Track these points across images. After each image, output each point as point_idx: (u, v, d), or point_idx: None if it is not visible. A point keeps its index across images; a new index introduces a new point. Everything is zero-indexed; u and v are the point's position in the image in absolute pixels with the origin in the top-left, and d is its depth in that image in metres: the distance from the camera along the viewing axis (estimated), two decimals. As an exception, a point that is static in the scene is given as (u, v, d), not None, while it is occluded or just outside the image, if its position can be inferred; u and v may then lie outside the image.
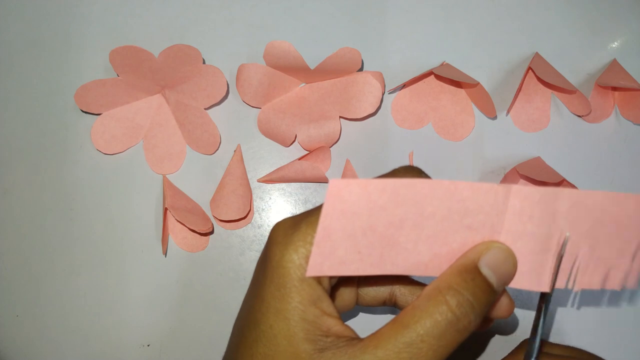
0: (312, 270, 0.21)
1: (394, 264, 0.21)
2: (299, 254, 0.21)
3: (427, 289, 0.21)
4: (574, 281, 0.22)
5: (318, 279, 0.21)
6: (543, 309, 0.24)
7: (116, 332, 0.37)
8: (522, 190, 0.21)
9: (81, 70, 0.39)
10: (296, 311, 0.21)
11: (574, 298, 0.37)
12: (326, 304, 0.22)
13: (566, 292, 0.37)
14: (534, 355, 0.24)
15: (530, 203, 0.21)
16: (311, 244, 0.21)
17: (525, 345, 0.31)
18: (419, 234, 0.21)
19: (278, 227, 0.22)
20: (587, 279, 0.23)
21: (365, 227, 0.20)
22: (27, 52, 0.39)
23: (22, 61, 0.39)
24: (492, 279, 0.21)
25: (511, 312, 0.25)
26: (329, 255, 0.20)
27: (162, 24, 0.39)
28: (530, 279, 0.22)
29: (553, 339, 0.37)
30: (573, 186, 0.35)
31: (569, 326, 0.37)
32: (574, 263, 0.22)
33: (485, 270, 0.21)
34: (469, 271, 0.21)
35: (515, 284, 0.22)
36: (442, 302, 0.20)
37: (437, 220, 0.21)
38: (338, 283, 0.25)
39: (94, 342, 0.37)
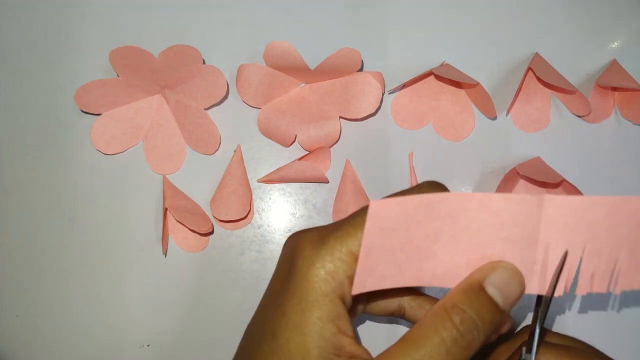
0: (357, 288, 0.21)
1: (433, 275, 0.22)
2: (326, 269, 0.21)
3: (434, 307, 0.22)
4: (615, 285, 0.23)
5: (341, 296, 0.22)
6: (540, 311, 0.24)
7: (116, 332, 0.37)
8: (555, 200, 0.21)
9: (81, 71, 0.39)
10: (314, 327, 0.21)
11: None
12: (344, 322, 0.22)
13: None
14: (534, 349, 0.25)
15: (564, 211, 0.21)
16: (339, 259, 0.21)
17: (524, 332, 0.31)
18: (456, 246, 0.21)
19: (305, 240, 0.22)
20: (629, 281, 0.23)
21: (404, 241, 0.21)
22: (27, 52, 0.39)
23: (22, 61, 0.39)
24: (498, 298, 0.22)
25: (508, 329, 0.26)
26: (371, 272, 0.21)
27: (162, 24, 0.39)
28: (559, 284, 0.23)
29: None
30: (573, 186, 0.35)
31: (570, 328, 0.37)
32: (614, 267, 0.23)
33: (491, 290, 0.22)
34: (474, 290, 0.22)
35: (548, 291, 0.23)
36: (447, 320, 0.21)
37: (472, 233, 0.21)
38: None
39: (93, 342, 0.37)
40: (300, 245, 0.22)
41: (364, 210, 0.22)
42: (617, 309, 0.37)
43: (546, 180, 0.35)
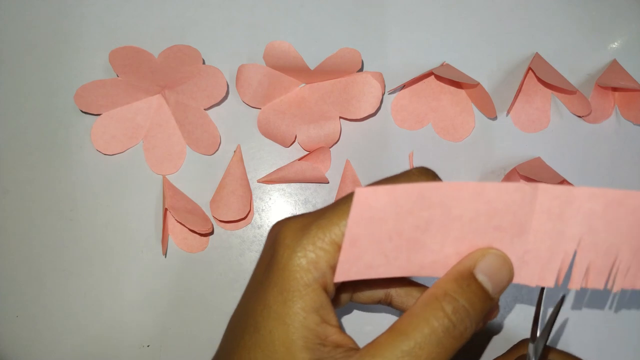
0: (340, 276, 0.20)
1: (421, 265, 0.21)
2: (307, 258, 0.21)
3: (423, 295, 0.21)
4: (613, 282, 0.22)
5: (323, 286, 0.21)
6: (541, 307, 0.24)
7: (116, 332, 0.37)
8: (551, 190, 0.20)
9: (81, 70, 0.39)
10: (297, 317, 0.21)
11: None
12: (327, 311, 0.21)
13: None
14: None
15: (560, 202, 0.21)
16: (321, 248, 0.21)
17: (520, 346, 0.31)
18: (446, 235, 0.21)
19: (286, 228, 0.22)
20: (630, 280, 0.22)
21: (392, 231, 0.20)
22: (27, 52, 0.39)
23: (22, 61, 0.39)
24: (488, 285, 0.21)
25: (496, 316, 0.26)
26: (356, 260, 0.20)
27: (162, 24, 0.39)
28: (550, 276, 0.22)
29: (552, 341, 0.37)
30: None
31: (570, 329, 0.37)
32: (613, 264, 0.22)
33: (481, 277, 0.21)
34: (465, 277, 0.21)
35: (538, 281, 0.22)
36: (439, 309, 0.20)
37: (464, 222, 0.21)
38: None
39: (93, 342, 0.37)
40: (282, 234, 0.22)
41: (349, 197, 0.21)
42: (615, 308, 0.37)
43: (546, 180, 0.35)
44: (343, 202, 0.22)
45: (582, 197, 0.21)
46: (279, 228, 0.22)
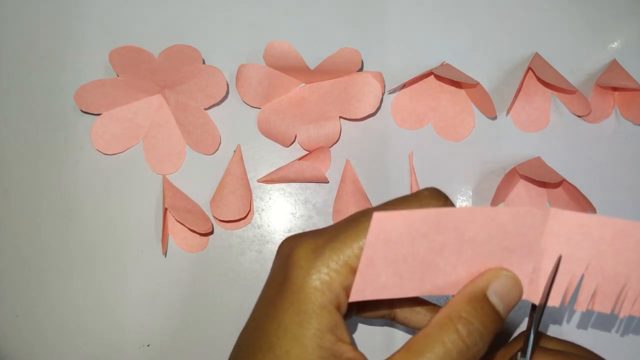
0: (356, 296, 0.21)
1: (434, 285, 0.22)
2: (322, 280, 0.21)
3: (437, 316, 0.22)
4: (621, 308, 0.23)
5: (337, 306, 0.22)
6: (535, 316, 0.25)
7: (116, 332, 0.37)
8: (560, 214, 0.21)
9: (81, 70, 0.39)
10: (314, 338, 0.21)
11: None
12: (341, 330, 0.22)
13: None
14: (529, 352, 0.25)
15: (570, 226, 0.21)
16: (335, 270, 0.21)
17: (521, 338, 0.31)
18: (458, 257, 0.22)
19: (299, 249, 0.22)
20: (638, 308, 0.23)
21: (407, 254, 0.21)
22: (27, 52, 0.39)
23: (22, 61, 0.39)
24: (500, 306, 0.22)
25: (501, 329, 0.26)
26: (371, 281, 0.21)
27: (162, 24, 0.39)
28: (556, 296, 0.23)
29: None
30: (573, 186, 0.35)
31: (568, 328, 0.37)
32: (621, 291, 0.23)
33: (494, 299, 0.22)
34: (478, 299, 0.22)
35: (543, 300, 0.23)
36: (454, 331, 0.21)
37: (476, 245, 0.21)
38: None
39: (93, 342, 0.37)
40: (295, 255, 0.22)
41: (360, 217, 0.22)
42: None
43: (546, 180, 0.35)
44: (355, 223, 0.22)
45: (591, 224, 0.21)
46: (291, 248, 0.23)
